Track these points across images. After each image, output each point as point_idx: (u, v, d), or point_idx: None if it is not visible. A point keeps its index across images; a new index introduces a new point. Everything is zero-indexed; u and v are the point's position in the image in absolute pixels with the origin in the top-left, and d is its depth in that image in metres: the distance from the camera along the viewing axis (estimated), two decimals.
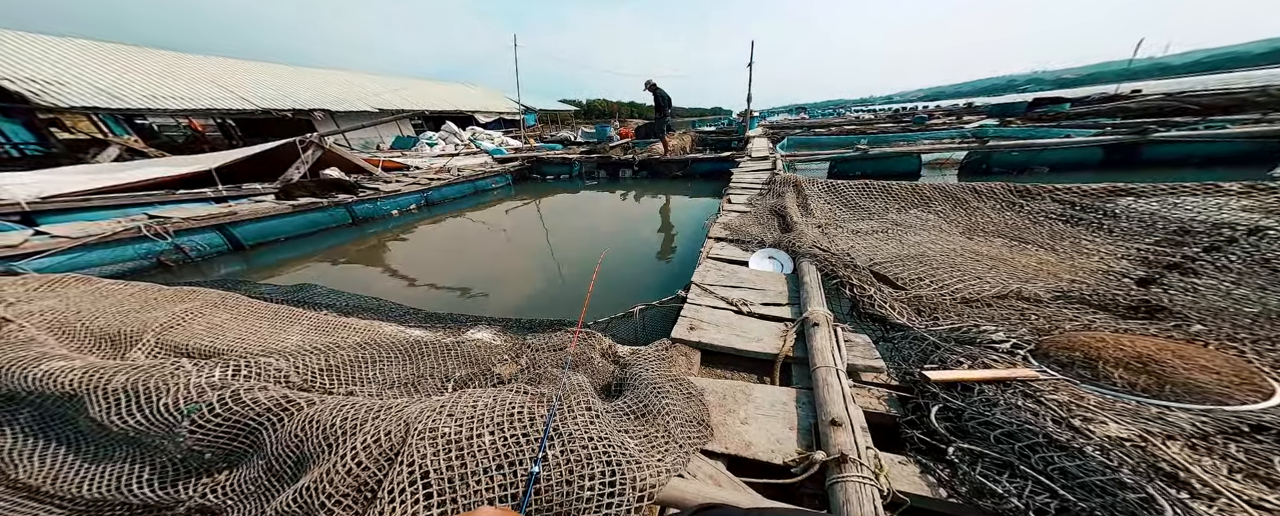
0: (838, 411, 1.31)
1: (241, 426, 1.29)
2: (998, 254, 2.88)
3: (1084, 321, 1.96)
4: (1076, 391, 1.38)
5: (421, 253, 5.65)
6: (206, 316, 2.34)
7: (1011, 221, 3.52)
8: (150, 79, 14.17)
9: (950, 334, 1.81)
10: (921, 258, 2.82)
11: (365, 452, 1.09)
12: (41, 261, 3.87)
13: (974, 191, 3.98)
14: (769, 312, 2.19)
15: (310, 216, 6.01)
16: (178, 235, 4.72)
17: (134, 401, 1.33)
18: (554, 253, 5.40)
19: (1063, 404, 1.30)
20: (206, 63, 17.07)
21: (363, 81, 22.57)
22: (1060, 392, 1.36)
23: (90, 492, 1.30)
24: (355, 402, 1.27)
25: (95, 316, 2.24)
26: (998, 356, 1.63)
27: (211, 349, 1.99)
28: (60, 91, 11.62)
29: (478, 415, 1.19)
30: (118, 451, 1.37)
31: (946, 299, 2.23)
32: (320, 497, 1.03)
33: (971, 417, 1.29)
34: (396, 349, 1.85)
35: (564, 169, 11.03)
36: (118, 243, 4.38)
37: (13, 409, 1.46)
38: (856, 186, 4.54)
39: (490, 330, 2.24)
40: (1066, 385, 1.43)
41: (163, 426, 1.29)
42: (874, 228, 3.56)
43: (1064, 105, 14.98)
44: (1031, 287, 2.33)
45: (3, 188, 5.13)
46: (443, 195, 8.13)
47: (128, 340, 2.05)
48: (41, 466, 1.37)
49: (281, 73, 19.21)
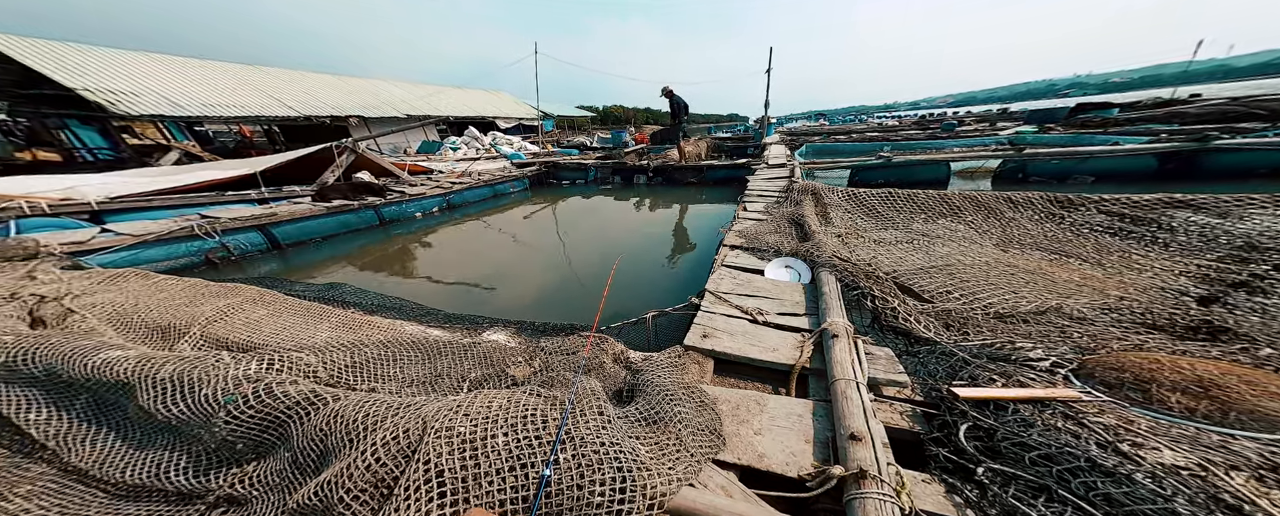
0: (857, 425, 1.26)
1: (272, 418, 1.35)
2: (1035, 267, 2.72)
3: (1134, 341, 1.83)
4: (1125, 414, 1.28)
5: (441, 255, 5.81)
6: (246, 312, 2.47)
7: (1051, 233, 3.33)
8: (208, 89, 15.24)
9: (982, 350, 1.72)
10: (950, 270, 2.70)
11: (384, 449, 1.12)
12: (106, 257, 4.19)
13: (1009, 201, 3.79)
14: (785, 322, 2.13)
15: (342, 218, 6.29)
16: (224, 234, 5.02)
17: (179, 391, 1.42)
18: (568, 257, 5.46)
19: (1109, 427, 1.21)
20: (256, 73, 18.23)
21: (393, 89, 23.56)
22: (1106, 415, 1.27)
23: (132, 478, 1.38)
24: (377, 399, 1.31)
25: (149, 309, 2.40)
26: (1035, 375, 1.53)
27: (249, 343, 2.10)
28: (133, 101, 12.67)
29: (492, 416, 1.20)
30: (159, 439, 1.46)
31: (977, 313, 2.12)
32: (339, 492, 1.05)
33: (1005, 437, 1.22)
34: (417, 348, 1.91)
35: (580, 174, 11.17)
36: (173, 240, 4.70)
37: (71, 395, 1.58)
38: (880, 195, 4.39)
39: (505, 332, 2.27)
40: (1114, 408, 1.33)
41: (202, 416, 1.37)
42: (898, 238, 3.43)
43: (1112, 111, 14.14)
44: (1073, 304, 2.19)
45: (76, 189, 5.61)
46: (463, 198, 8.36)
47: (176, 332, 2.18)
48: (91, 451, 1.47)
49: (322, 81, 20.29)
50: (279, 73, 19.00)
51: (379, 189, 7.04)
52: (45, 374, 1.56)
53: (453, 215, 7.77)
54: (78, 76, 12.22)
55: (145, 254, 4.49)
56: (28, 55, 11.78)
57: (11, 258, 3.30)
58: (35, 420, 1.52)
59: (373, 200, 6.66)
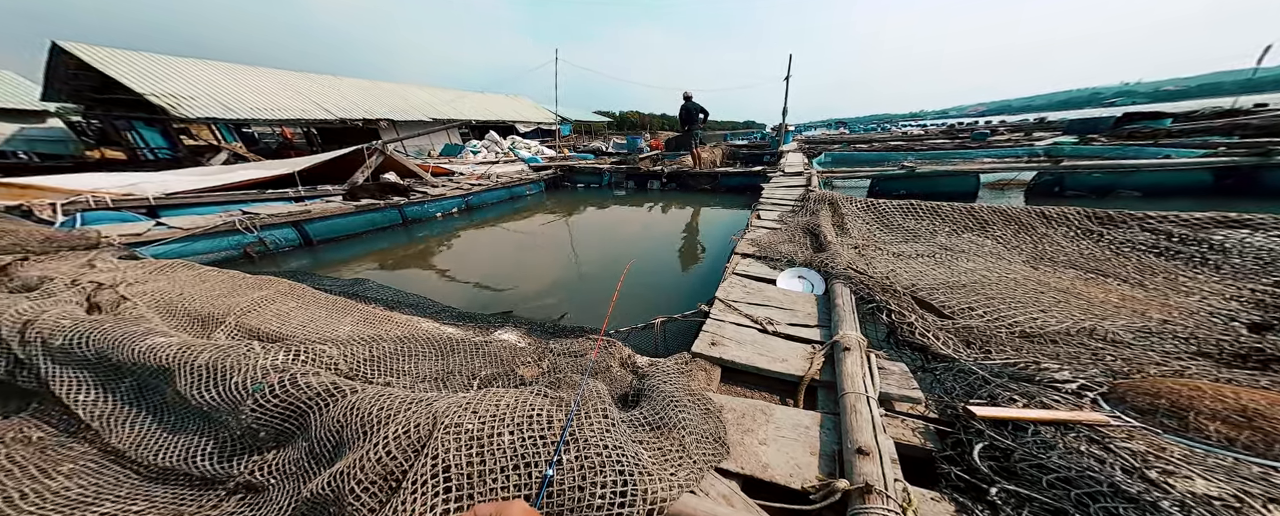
0: (866, 440, 1.24)
1: (294, 408, 1.42)
2: (1068, 287, 2.60)
3: (1174, 367, 1.72)
4: (1157, 441, 1.21)
5: (458, 254, 5.96)
6: (277, 304, 2.60)
7: (1088, 251, 3.17)
8: (255, 93, 16.20)
9: (1003, 369, 1.65)
10: (974, 286, 2.60)
11: (395, 443, 1.16)
12: (158, 248, 4.49)
13: (1042, 216, 3.62)
14: (796, 333, 2.10)
15: (369, 216, 6.55)
16: (262, 229, 5.31)
17: (213, 378, 1.50)
18: (579, 260, 5.52)
19: (1137, 453, 1.15)
20: (298, 78, 19.26)
21: (420, 93, 24.46)
22: (1136, 441, 1.21)
23: (163, 461, 1.46)
24: (391, 394, 1.36)
25: (192, 299, 2.56)
26: (1060, 397, 1.46)
27: (277, 333, 2.21)
28: (191, 105, 13.63)
29: (499, 414, 1.23)
30: (189, 425, 1.55)
31: (1001, 332, 2.04)
32: (350, 483, 1.09)
33: (1023, 459, 1.17)
34: (431, 344, 1.96)
35: (594, 178, 11.32)
36: (217, 234, 5.01)
37: (118, 378, 1.69)
38: (901, 206, 4.26)
39: (516, 332, 2.32)
40: (1145, 434, 1.26)
41: (231, 403, 1.45)
42: (919, 251, 3.32)
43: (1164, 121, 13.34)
44: (1108, 325, 2.08)
45: (137, 185, 6.06)
46: (481, 200, 8.59)
47: (214, 321, 2.32)
48: (129, 433, 1.57)
49: (356, 86, 21.27)
50: (318, 78, 20.02)
51: (404, 189, 7.31)
52: (97, 357, 1.68)
53: (471, 216, 7.99)
54: (146, 82, 13.27)
55: (192, 246, 4.80)
56: (108, 65, 12.90)
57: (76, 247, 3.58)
58: (83, 401, 1.64)
59: (397, 200, 6.92)
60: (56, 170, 10.02)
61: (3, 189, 5.44)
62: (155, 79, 13.71)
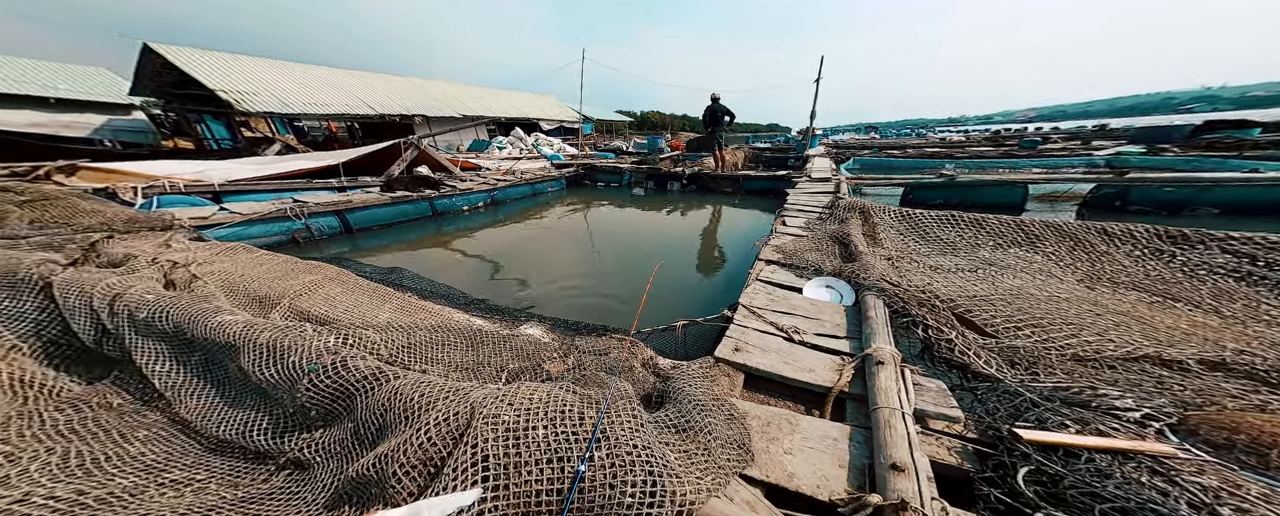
0: (901, 455, 1.20)
1: (343, 389, 1.51)
2: (1129, 310, 2.42)
3: (1254, 401, 1.58)
4: (1233, 477, 1.13)
5: (483, 247, 6.12)
6: (325, 288, 2.76)
7: (1155, 272, 2.93)
8: (306, 89, 17.22)
9: (1054, 393, 1.56)
10: (1020, 304, 2.45)
11: (436, 430, 1.21)
12: (221, 231, 4.85)
13: (1102, 232, 3.37)
14: (823, 344, 2.06)
15: (402, 207, 6.85)
16: (309, 217, 5.65)
17: (273, 356, 1.62)
18: (599, 258, 5.56)
19: (1208, 488, 1.07)
20: (343, 75, 20.29)
21: (451, 90, 25.34)
22: (1207, 476, 1.12)
23: (222, 433, 1.57)
24: (431, 381, 1.42)
25: (252, 280, 2.75)
26: (1120, 426, 1.37)
27: (326, 317, 2.34)
28: (252, 99, 14.71)
29: (533, 407, 1.26)
30: (247, 400, 1.66)
31: (1051, 354, 1.92)
32: (393, 466, 1.14)
33: (1073, 486, 1.11)
34: (462, 335, 2.03)
35: (614, 177, 11.33)
36: (271, 219, 5.36)
37: (189, 351, 1.84)
38: (939, 217, 4.05)
39: (541, 328, 2.36)
40: (1218, 469, 1.16)
41: (288, 380, 1.56)
42: (959, 265, 3.16)
43: (1252, 131, 12.12)
44: (1176, 352, 1.92)
45: (205, 173, 6.57)
46: (506, 195, 8.80)
47: (271, 303, 2.49)
48: (196, 404, 1.69)
49: (395, 83, 22.23)
50: (359, 74, 21.01)
51: (435, 183, 7.59)
52: (174, 331, 1.84)
53: (495, 211, 8.19)
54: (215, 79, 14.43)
55: (249, 231, 5.16)
56: (187, 64, 14.19)
57: (153, 227, 3.92)
58: (160, 371, 1.79)
59: (429, 193, 7.21)
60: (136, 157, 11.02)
61: (93, 172, 6.03)
62: (222, 76, 14.87)
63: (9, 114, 13.73)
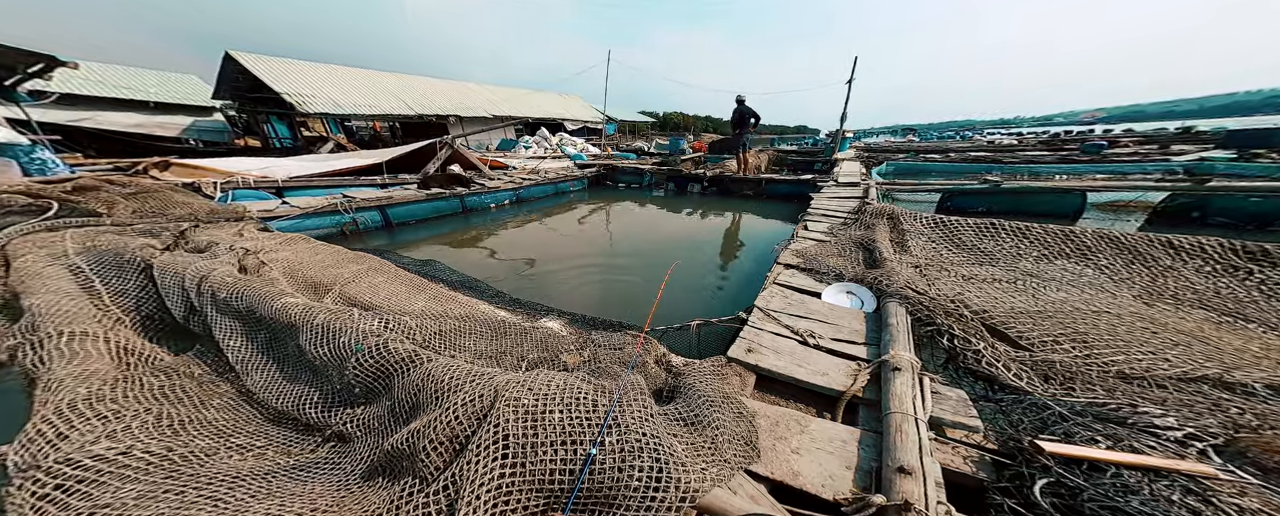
0: (909, 460, 1.20)
1: (384, 369, 1.66)
2: (1191, 328, 2.24)
3: None
4: (1276, 502, 1.05)
5: (508, 242, 6.37)
6: (369, 277, 2.99)
7: (1227, 290, 2.68)
8: (354, 92, 18.41)
9: (1087, 408, 1.49)
10: (1062, 318, 2.32)
11: (463, 410, 1.32)
12: (283, 223, 5.32)
13: (1167, 245, 3.11)
14: (839, 348, 2.04)
15: (435, 204, 7.23)
16: (356, 211, 6.09)
17: (327, 335, 1.80)
18: (617, 257, 5.65)
19: (1247, 510, 1.01)
20: (386, 77, 21.49)
21: (482, 91, 26.25)
22: (1248, 498, 1.06)
23: (280, 405, 1.76)
24: (459, 366, 1.55)
25: (309, 268, 3.02)
26: (1157, 444, 1.30)
27: (370, 303, 2.55)
28: (311, 102, 15.95)
29: (551, 393, 1.35)
30: (302, 376, 1.85)
31: (1093, 370, 1.82)
32: (423, 441, 1.26)
33: (1093, 499, 1.07)
34: (488, 325, 2.16)
35: (635, 178, 11.37)
36: (324, 213, 5.82)
37: (257, 329, 2.07)
38: (977, 225, 3.83)
39: (559, 322, 2.45)
40: (1263, 492, 1.09)
41: (338, 359, 1.73)
42: (996, 276, 3.00)
43: None
44: (1239, 375, 1.78)
45: (270, 169, 7.20)
46: (530, 193, 9.09)
47: (324, 289, 2.73)
48: (260, 377, 1.90)
49: (431, 85, 23.33)
50: (401, 77, 22.16)
51: (466, 181, 7.94)
52: (246, 310, 2.07)
53: (520, 209, 8.46)
54: (281, 83, 15.78)
55: (305, 223, 5.62)
56: (259, 70, 15.66)
57: (230, 218, 4.37)
58: (233, 346, 2.03)
59: (460, 190, 7.57)
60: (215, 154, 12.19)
61: (181, 168, 6.75)
62: (286, 80, 16.22)
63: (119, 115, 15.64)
